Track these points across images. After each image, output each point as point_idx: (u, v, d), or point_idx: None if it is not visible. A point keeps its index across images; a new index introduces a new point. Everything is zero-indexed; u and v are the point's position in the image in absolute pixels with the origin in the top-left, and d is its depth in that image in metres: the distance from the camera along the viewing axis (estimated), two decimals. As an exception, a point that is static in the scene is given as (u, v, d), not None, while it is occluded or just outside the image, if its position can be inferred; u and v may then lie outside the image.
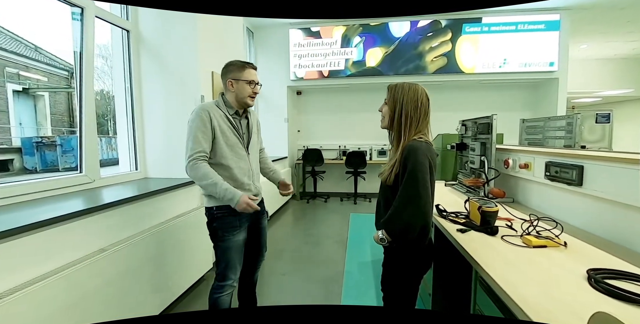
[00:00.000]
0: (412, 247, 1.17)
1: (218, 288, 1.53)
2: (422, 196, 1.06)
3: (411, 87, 1.18)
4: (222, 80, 1.56)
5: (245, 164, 1.56)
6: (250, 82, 1.52)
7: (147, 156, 2.51)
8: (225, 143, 1.49)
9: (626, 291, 0.80)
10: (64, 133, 9.68)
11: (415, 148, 1.10)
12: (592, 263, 1.02)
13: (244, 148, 1.56)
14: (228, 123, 1.51)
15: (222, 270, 1.52)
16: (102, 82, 10.63)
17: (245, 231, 1.58)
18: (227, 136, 1.49)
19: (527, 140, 3.18)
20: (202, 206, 2.42)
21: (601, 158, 1.27)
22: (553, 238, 1.19)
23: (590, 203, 1.35)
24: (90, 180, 1.94)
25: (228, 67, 1.54)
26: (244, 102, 1.54)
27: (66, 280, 1.27)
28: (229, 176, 1.50)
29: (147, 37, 2.46)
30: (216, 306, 1.53)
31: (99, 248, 1.52)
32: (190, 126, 1.46)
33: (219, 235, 1.51)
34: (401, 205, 1.09)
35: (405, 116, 1.16)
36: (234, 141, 1.52)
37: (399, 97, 1.18)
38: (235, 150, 1.52)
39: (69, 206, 1.50)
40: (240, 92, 1.51)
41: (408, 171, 1.08)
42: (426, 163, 1.09)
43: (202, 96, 2.49)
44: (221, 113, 1.50)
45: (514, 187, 1.93)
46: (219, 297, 1.52)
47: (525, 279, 0.93)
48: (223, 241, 1.51)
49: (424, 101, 1.17)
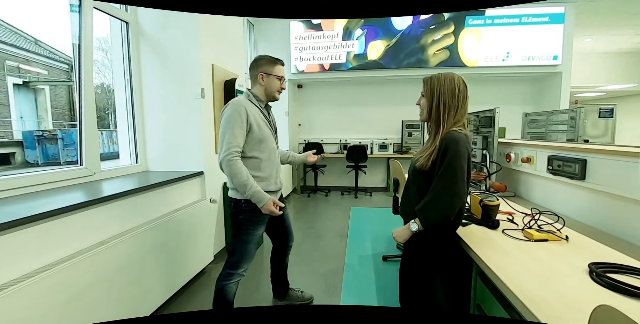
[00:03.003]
0: (441, 236, 1.20)
1: (228, 275, 1.58)
2: (460, 186, 1.09)
3: (447, 76, 1.19)
4: (251, 73, 1.61)
5: (275, 156, 1.64)
6: (280, 77, 1.59)
7: (147, 149, 2.51)
8: (261, 136, 1.54)
9: (628, 285, 0.80)
10: (65, 127, 9.67)
11: (457, 139, 1.11)
12: (593, 257, 1.01)
13: (274, 140, 1.64)
14: (262, 116, 1.57)
15: (237, 259, 1.58)
16: (102, 76, 10.58)
17: (265, 225, 1.65)
18: (263, 129, 1.55)
19: (530, 134, 3.16)
20: (203, 200, 2.44)
21: (604, 151, 1.26)
22: (554, 232, 1.19)
23: (592, 197, 1.34)
24: (91, 173, 1.93)
25: (259, 61, 1.59)
26: (272, 96, 1.61)
27: (66, 273, 1.27)
28: (261, 168, 1.56)
29: (146, 29, 2.44)
30: (223, 293, 1.58)
31: (99, 240, 1.52)
32: (227, 121, 1.48)
33: (243, 227, 1.56)
34: (438, 194, 1.11)
35: (443, 105, 1.17)
36: (268, 134, 1.58)
37: (435, 87, 1.19)
38: (269, 143, 1.58)
39: (68, 199, 1.50)
40: (270, 86, 1.57)
41: (447, 161, 1.10)
42: (465, 155, 1.11)
43: (202, 89, 2.47)
44: (255, 107, 1.56)
45: (516, 181, 1.92)
46: (227, 284, 1.58)
47: (525, 272, 0.92)
48: (246, 234, 1.56)
49: (461, 88, 1.17)
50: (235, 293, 1.64)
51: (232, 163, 1.44)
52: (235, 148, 1.45)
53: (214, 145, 2.68)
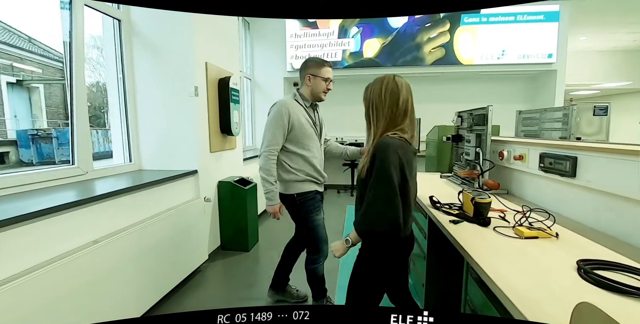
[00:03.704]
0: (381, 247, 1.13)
1: (311, 261, 1.78)
2: (391, 196, 0.99)
3: (379, 78, 1.12)
4: (300, 74, 1.72)
5: (319, 153, 1.75)
6: (327, 79, 1.67)
7: (141, 148, 2.49)
8: (303, 135, 1.66)
9: (615, 282, 0.80)
10: (60, 126, 9.58)
11: (386, 144, 1.02)
12: (582, 254, 1.02)
13: (318, 138, 1.74)
14: (306, 115, 1.68)
15: (314, 245, 1.77)
16: (98, 74, 10.48)
17: (322, 209, 1.80)
18: (305, 128, 1.66)
19: (523, 131, 3.17)
20: (197, 199, 2.43)
21: (595, 149, 1.27)
22: (545, 229, 1.19)
23: (583, 195, 1.35)
24: (83, 172, 1.92)
25: (308, 62, 1.69)
26: (318, 97, 1.71)
27: (57, 272, 1.26)
28: (301, 164, 1.68)
29: (139, 27, 2.41)
30: (313, 274, 1.79)
31: (91, 240, 1.52)
32: (271, 120, 1.64)
33: (305, 217, 1.73)
34: (368, 205, 1.02)
35: (371, 108, 1.10)
36: (311, 132, 1.69)
37: (368, 90, 1.13)
38: (312, 141, 1.70)
39: (58, 198, 1.49)
40: (316, 87, 1.67)
41: (375, 170, 1.01)
42: (395, 161, 1.01)
43: (195, 87, 2.46)
44: (299, 107, 1.67)
45: (509, 179, 1.93)
46: (315, 268, 1.78)
47: (515, 269, 0.93)
48: (310, 222, 1.73)
49: (389, 88, 1.08)
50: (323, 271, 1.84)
51: (266, 159, 1.63)
52: (273, 147, 1.63)
53: (208, 143, 2.67)
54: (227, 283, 2.35)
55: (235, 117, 2.95)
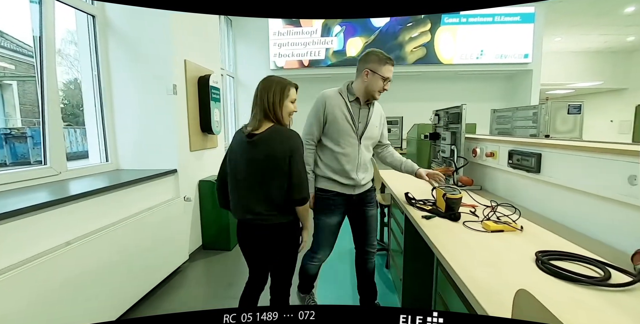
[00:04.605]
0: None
1: (308, 257, 1.75)
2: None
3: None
4: (357, 65, 1.58)
5: (353, 152, 1.59)
6: (386, 78, 1.53)
7: (118, 147, 2.44)
8: (335, 129, 1.56)
9: (567, 271, 0.86)
10: (35, 125, 9.23)
11: None
12: (543, 245, 1.07)
13: (355, 136, 1.58)
14: (345, 110, 1.56)
15: (313, 245, 1.73)
16: (75, 71, 10.13)
17: (338, 216, 1.66)
18: (338, 122, 1.55)
19: (497, 129, 3.28)
20: (176, 198, 2.41)
21: (556, 146, 1.33)
22: (510, 223, 1.25)
23: (547, 189, 1.42)
24: (56, 173, 1.87)
25: (370, 55, 1.54)
26: (372, 95, 1.57)
27: (26, 276, 1.23)
28: (335, 160, 1.59)
29: (115, 23, 2.36)
30: (303, 269, 1.77)
31: (63, 241, 1.48)
32: (311, 110, 1.63)
33: (316, 215, 1.66)
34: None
35: None
36: (346, 127, 1.56)
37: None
38: (345, 137, 1.57)
39: (30, 199, 1.45)
40: (372, 84, 1.53)
41: None
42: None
43: (174, 85, 2.43)
44: (340, 99, 1.57)
45: (482, 175, 2.00)
46: (308, 264, 1.75)
47: (479, 262, 0.97)
48: (316, 220, 1.66)
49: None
50: (316, 275, 1.82)
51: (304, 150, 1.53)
52: (308, 137, 1.61)
53: (188, 142, 2.64)
54: (208, 282, 2.34)
55: (216, 115, 2.92)
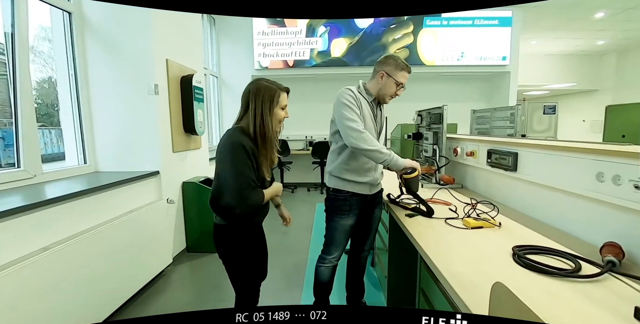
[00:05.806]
0: None
1: (320, 259, 1.70)
2: None
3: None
4: (375, 67, 1.59)
5: None
6: (399, 83, 1.55)
7: (96, 148, 2.37)
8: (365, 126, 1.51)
9: (541, 264, 0.90)
10: (6, 125, 8.82)
11: None
12: (520, 240, 1.12)
13: (376, 135, 1.59)
14: (369, 108, 1.55)
15: (327, 246, 1.68)
16: (49, 69, 9.74)
17: (354, 217, 1.62)
18: (367, 121, 1.52)
19: (477, 129, 3.38)
20: (159, 200, 2.36)
21: (531, 145, 1.39)
22: (489, 220, 1.29)
23: (523, 187, 1.48)
24: (30, 175, 1.80)
25: (388, 59, 1.55)
26: (383, 98, 1.57)
27: (0, 284, 1.18)
28: (354, 157, 1.53)
29: (93, 21, 2.28)
30: (317, 273, 1.70)
31: (40, 247, 1.43)
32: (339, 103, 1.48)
33: (329, 215, 1.63)
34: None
35: None
36: (371, 126, 1.54)
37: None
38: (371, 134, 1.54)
39: (2, 204, 1.39)
40: (386, 88, 1.54)
41: None
42: None
43: (155, 85, 2.38)
44: (363, 99, 1.55)
45: (463, 174, 2.06)
46: (320, 267, 1.70)
47: (459, 257, 1.01)
48: (331, 221, 1.63)
49: None
50: (332, 277, 1.72)
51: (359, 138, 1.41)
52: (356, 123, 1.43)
53: (171, 143, 2.59)
54: (193, 285, 2.31)
55: (199, 115, 2.88)
